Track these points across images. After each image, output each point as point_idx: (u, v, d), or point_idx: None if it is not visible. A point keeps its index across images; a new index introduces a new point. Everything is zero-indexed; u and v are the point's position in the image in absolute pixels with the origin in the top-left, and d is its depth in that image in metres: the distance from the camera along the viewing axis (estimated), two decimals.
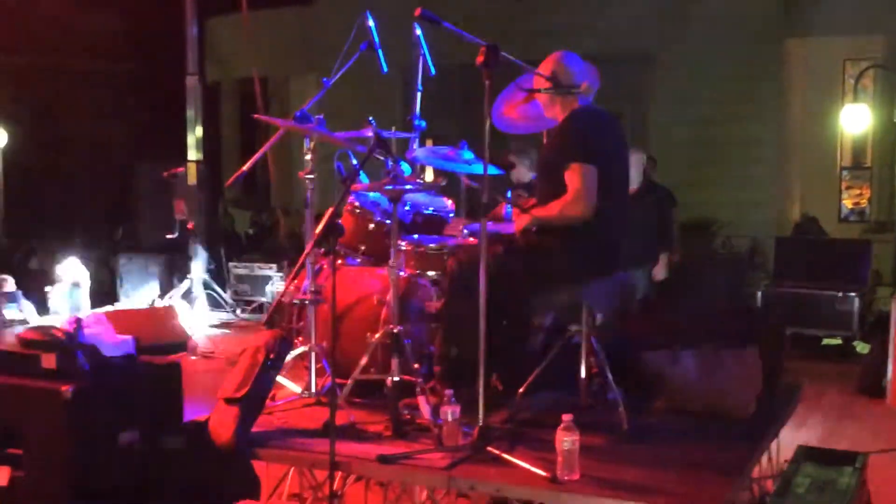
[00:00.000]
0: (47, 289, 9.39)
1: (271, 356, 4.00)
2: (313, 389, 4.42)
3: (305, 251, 4.11)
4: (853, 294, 8.55)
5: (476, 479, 3.50)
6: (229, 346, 8.39)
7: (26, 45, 15.25)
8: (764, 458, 4.23)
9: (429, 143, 5.00)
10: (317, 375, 4.43)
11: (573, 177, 3.97)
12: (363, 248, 4.73)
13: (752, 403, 4.25)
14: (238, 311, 10.11)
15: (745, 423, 4.17)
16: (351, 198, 4.67)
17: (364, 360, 4.17)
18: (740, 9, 11.04)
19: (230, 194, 16.25)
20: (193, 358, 7.67)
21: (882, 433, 6.04)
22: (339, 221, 3.72)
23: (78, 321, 3.94)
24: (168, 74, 12.92)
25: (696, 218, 10.50)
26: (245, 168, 4.61)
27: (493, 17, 11.22)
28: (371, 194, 4.71)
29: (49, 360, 3.78)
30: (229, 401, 3.88)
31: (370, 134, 4.26)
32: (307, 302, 4.41)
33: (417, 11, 3.79)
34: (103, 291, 11.53)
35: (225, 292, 10.45)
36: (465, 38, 3.80)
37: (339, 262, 4.52)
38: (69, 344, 3.83)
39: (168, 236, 10.65)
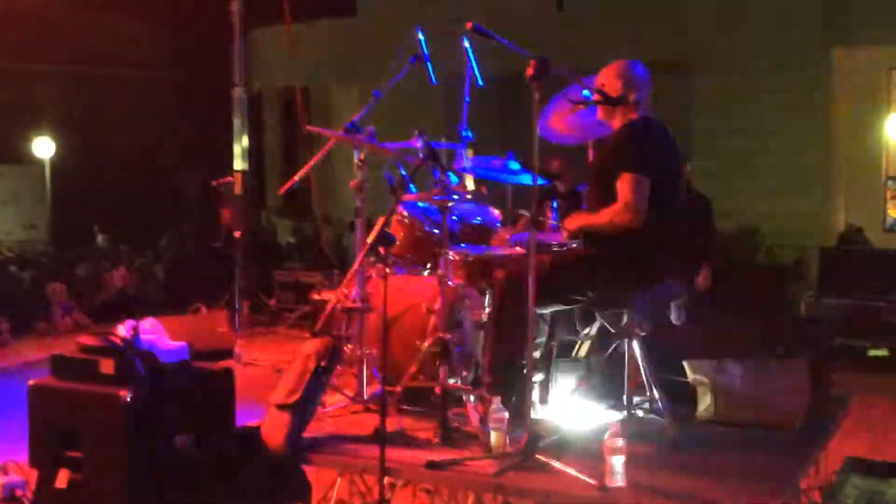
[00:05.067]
0: None
1: (322, 363, 4.07)
2: (363, 396, 4.48)
3: (357, 259, 4.17)
4: None
5: (524, 487, 3.54)
6: (273, 354, 8.48)
7: (72, 55, 15.52)
8: (811, 470, 4.22)
9: (469, 153, 5.04)
10: (366, 382, 4.49)
11: (624, 186, 3.98)
12: (411, 256, 4.79)
13: (800, 414, 4.24)
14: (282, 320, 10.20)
15: (793, 434, 4.17)
16: (399, 207, 4.73)
17: (413, 368, 4.23)
18: (784, 18, 10.99)
19: (272, 203, 16.42)
20: (238, 365, 7.77)
21: None
22: (390, 231, 3.78)
23: (135, 327, 4.03)
24: (213, 83, 13.09)
25: (740, 227, 10.45)
26: (297, 177, 4.69)
27: (534, 28, 11.25)
28: (419, 204, 4.77)
29: (108, 366, 3.87)
30: (281, 407, 3.95)
31: (419, 144, 4.33)
32: (357, 310, 4.48)
33: (469, 25, 3.83)
34: (147, 299, 11.72)
35: (269, 300, 10.56)
36: (512, 51, 3.84)
37: (388, 270, 4.58)
38: (127, 350, 3.92)
39: (214, 244, 10.80)
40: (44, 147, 16.38)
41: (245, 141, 11.36)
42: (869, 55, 11.45)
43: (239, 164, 11.22)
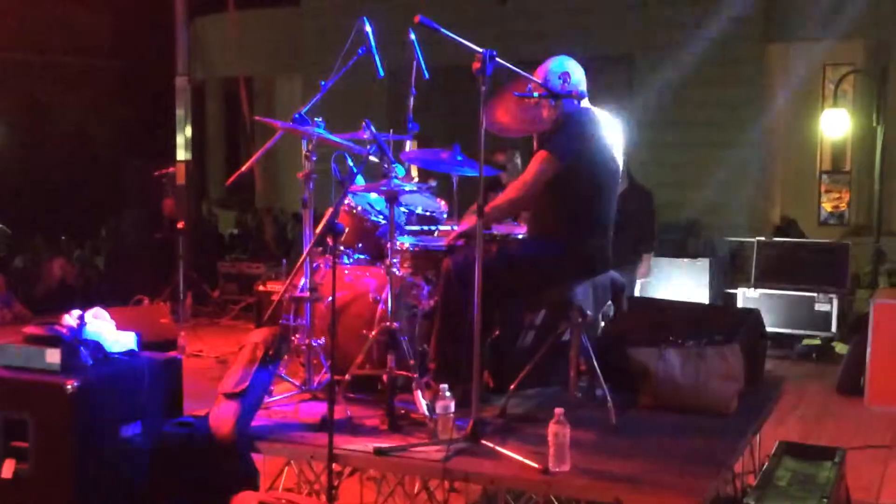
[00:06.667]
0: None
1: (269, 352, 4.10)
2: (311, 385, 4.52)
3: (306, 250, 4.20)
4: (832, 296, 8.74)
5: (470, 471, 3.61)
6: (217, 346, 8.47)
7: (12, 42, 15.21)
8: (745, 455, 4.35)
9: (413, 144, 5.10)
10: (313, 371, 4.53)
11: (532, 163, 4.19)
12: (359, 246, 4.84)
13: (735, 399, 4.38)
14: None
15: (728, 419, 4.30)
16: (347, 198, 4.77)
17: (360, 357, 4.28)
18: (723, 12, 11.16)
19: (214, 194, 16.31)
20: (182, 357, 7.74)
21: (860, 431, 6.18)
22: (339, 221, 3.82)
23: (81, 317, 4.02)
24: (155, 72, 12.96)
25: (677, 219, 10.63)
26: (246, 167, 4.70)
27: (477, 20, 11.32)
28: (367, 195, 4.82)
29: (53, 356, 3.87)
30: (229, 395, 3.97)
31: (367, 136, 4.37)
32: (305, 299, 4.51)
33: (416, 18, 3.88)
34: (88, 290, 11.57)
35: (212, 292, 10.52)
36: (459, 44, 3.90)
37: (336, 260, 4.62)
38: (73, 339, 3.92)
39: (156, 235, 10.72)
40: None
41: (188, 131, 11.31)
42: (804, 50, 11.70)
43: (182, 154, 11.18)
